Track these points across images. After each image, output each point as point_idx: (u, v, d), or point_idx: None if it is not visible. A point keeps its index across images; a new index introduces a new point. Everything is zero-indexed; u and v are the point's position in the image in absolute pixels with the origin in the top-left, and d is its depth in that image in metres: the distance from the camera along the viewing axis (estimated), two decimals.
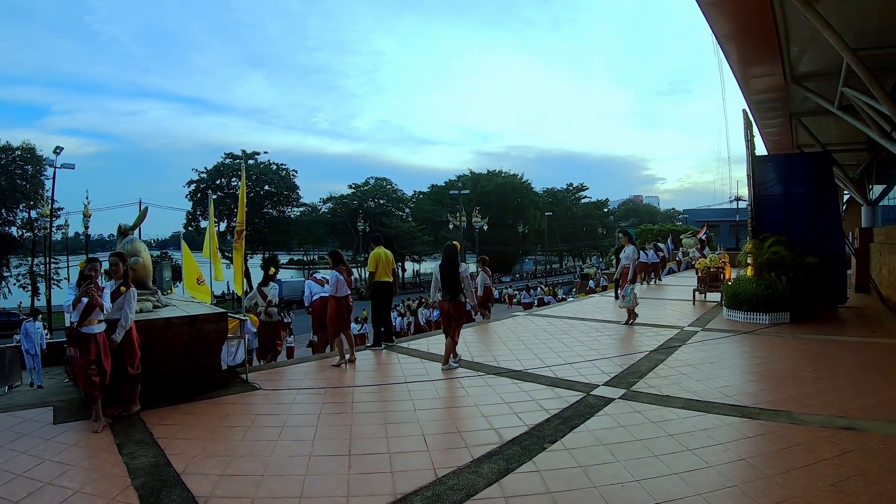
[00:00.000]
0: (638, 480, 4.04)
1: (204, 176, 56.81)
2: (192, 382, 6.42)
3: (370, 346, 9.72)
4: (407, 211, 73.86)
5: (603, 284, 29.21)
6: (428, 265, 79.67)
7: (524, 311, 18.47)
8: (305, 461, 4.49)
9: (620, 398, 6.08)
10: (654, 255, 21.07)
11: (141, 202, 46.13)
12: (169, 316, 6.46)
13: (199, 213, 56.03)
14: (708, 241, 32.18)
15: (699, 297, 14.65)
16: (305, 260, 73.59)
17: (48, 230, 39.74)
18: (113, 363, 5.49)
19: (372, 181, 71.40)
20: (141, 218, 7.91)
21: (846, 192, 20.08)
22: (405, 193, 75.08)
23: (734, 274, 15.16)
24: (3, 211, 47.17)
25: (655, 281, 20.82)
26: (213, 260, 9.21)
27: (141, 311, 6.71)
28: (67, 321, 5.40)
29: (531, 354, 8.46)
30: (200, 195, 54.81)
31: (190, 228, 56.08)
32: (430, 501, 3.81)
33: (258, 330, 10.34)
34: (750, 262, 12.36)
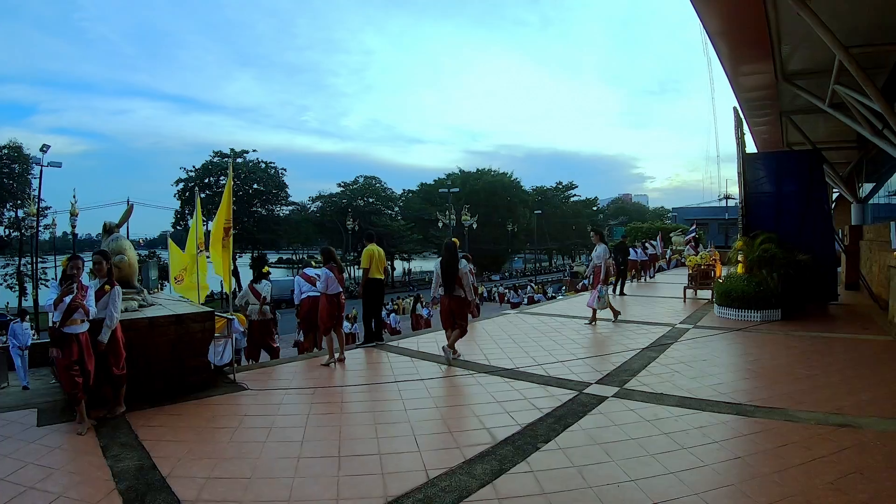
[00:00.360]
0: (634, 480, 3.97)
1: (192, 175, 56.42)
2: (178, 383, 6.28)
3: (361, 343, 9.62)
4: (396, 210, 73.62)
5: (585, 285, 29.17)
6: (417, 263, 79.61)
7: (513, 310, 18.41)
8: (294, 463, 4.39)
9: (613, 396, 6.02)
10: (642, 253, 21.18)
11: (129, 200, 45.77)
12: (154, 315, 6.31)
13: (187, 211, 55.57)
14: (698, 238, 32.39)
15: (690, 294, 14.64)
16: (295, 259, 73.14)
17: (35, 229, 39.26)
18: (97, 364, 5.35)
19: (361, 180, 71.13)
20: (126, 215, 7.77)
21: (836, 189, 20.15)
22: (394, 192, 74.90)
23: (725, 271, 15.18)
24: None
25: (645, 279, 20.92)
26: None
27: (126, 310, 6.56)
28: (51, 321, 5.26)
29: (522, 353, 8.39)
30: (189, 194, 54.36)
31: (178, 227, 55.65)
32: None
33: (250, 328, 10.25)
34: (741, 259, 12.34)
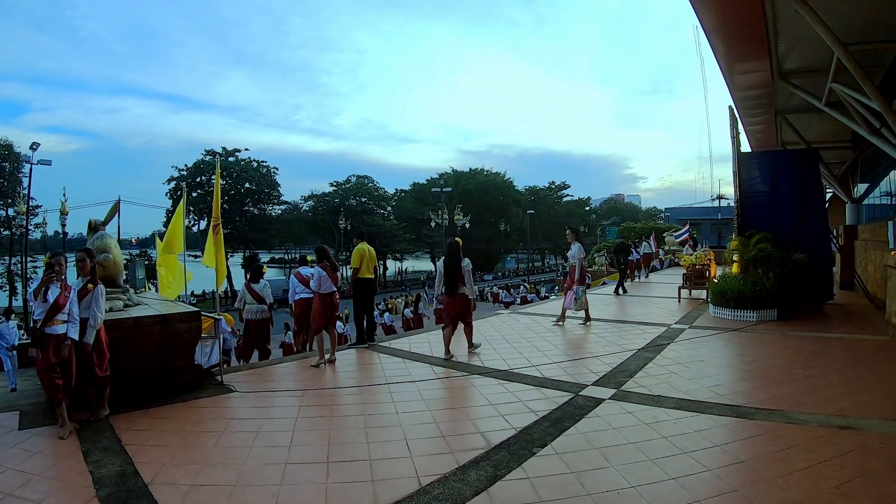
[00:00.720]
0: (634, 487, 3.82)
1: (184, 174, 56.04)
2: (164, 385, 6.10)
3: (353, 344, 9.46)
4: (389, 209, 73.39)
5: (587, 282, 29.13)
6: (409, 263, 79.42)
7: (506, 309, 18.29)
8: (281, 469, 4.21)
9: (610, 398, 5.88)
10: (634, 252, 21.09)
11: (120, 199, 45.27)
12: (139, 315, 6.13)
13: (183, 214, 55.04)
14: (688, 239, 32.41)
15: (685, 294, 14.55)
16: (287, 258, 72.77)
17: (25, 228, 38.83)
18: (79, 365, 5.18)
19: (354, 179, 70.88)
20: (112, 213, 7.58)
21: (830, 189, 20.12)
22: (387, 192, 74.67)
23: (719, 271, 15.11)
24: None
25: (639, 278, 20.94)
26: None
27: (111, 310, 6.39)
28: (32, 320, 5.09)
29: (516, 353, 8.24)
30: (181, 193, 53.98)
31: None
32: None
33: (247, 328, 10.14)
34: (736, 259, 12.26)
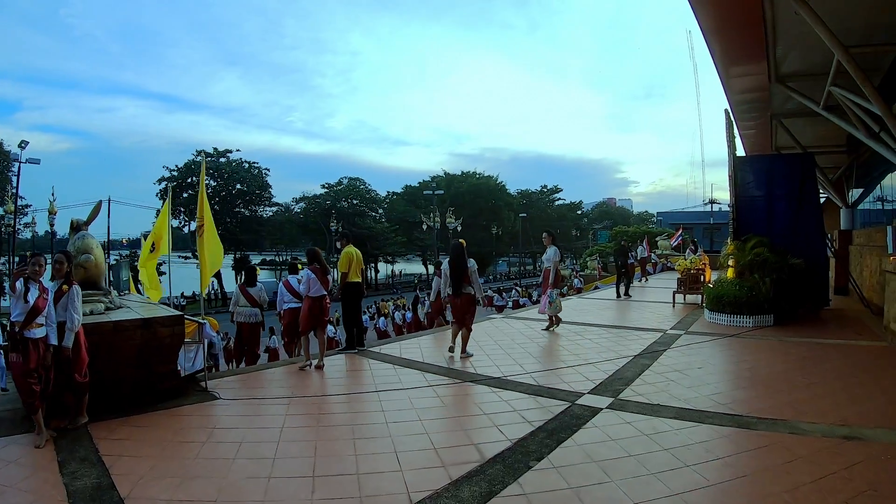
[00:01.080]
0: (636, 503, 3.64)
1: (175, 174, 55.52)
2: (145, 391, 5.85)
3: (343, 349, 9.24)
4: (380, 212, 73.02)
5: (577, 286, 29.09)
6: (400, 266, 79.11)
7: (498, 314, 18.12)
8: (264, 484, 3.98)
9: (608, 408, 5.68)
10: (630, 256, 20.96)
11: (109, 200, 44.95)
12: (120, 319, 5.88)
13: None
14: (683, 243, 32.35)
15: (679, 299, 14.41)
16: (278, 260, 72.31)
17: (13, 227, 38.31)
18: (57, 370, 4.95)
19: (345, 181, 70.51)
20: (95, 213, 7.33)
21: (824, 193, 20.10)
22: (379, 194, 74.26)
23: (714, 276, 15.00)
24: None
25: (633, 282, 20.67)
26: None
27: (91, 312, 6.15)
28: (10, 322, 4.85)
29: (510, 360, 8.04)
30: (172, 193, 53.50)
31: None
32: None
33: (240, 331, 9.93)
34: (731, 263, 12.14)
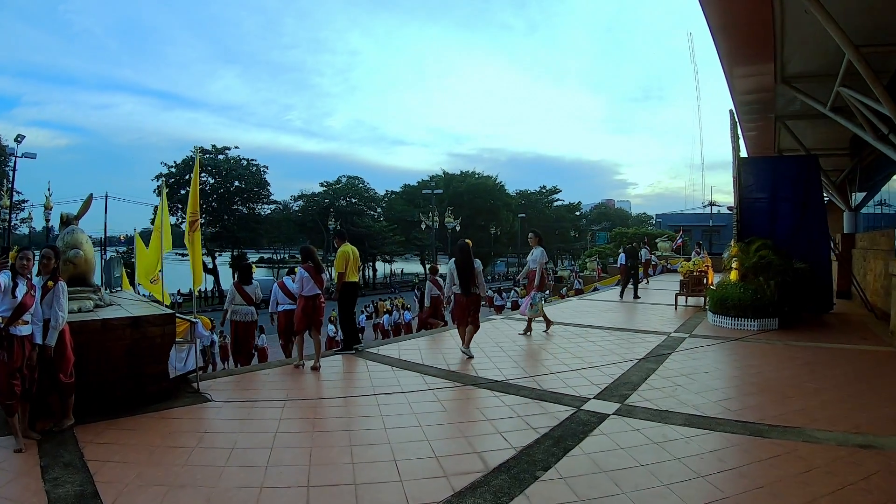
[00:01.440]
0: None
1: (173, 170, 55.13)
2: (134, 393, 5.62)
3: (339, 350, 9.04)
4: (379, 211, 72.79)
5: (576, 288, 28.94)
6: (400, 265, 78.89)
7: (497, 314, 17.93)
8: (256, 494, 3.76)
9: (615, 414, 5.48)
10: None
11: (106, 196, 44.73)
12: (108, 317, 5.66)
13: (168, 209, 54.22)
14: (684, 245, 32.25)
15: (681, 301, 14.25)
16: (276, 259, 72.03)
17: (8, 222, 38.01)
18: (42, 370, 4.74)
19: (344, 179, 70.28)
20: (85, 206, 7.10)
21: (826, 196, 19.96)
22: (377, 193, 74.05)
23: (716, 278, 14.82)
24: None
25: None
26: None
27: (80, 310, 5.94)
28: None
29: (511, 362, 7.84)
30: (169, 189, 53.06)
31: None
32: None
33: (235, 330, 9.73)
34: (735, 266, 11.97)
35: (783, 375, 7.22)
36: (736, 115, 14.12)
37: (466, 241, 8.48)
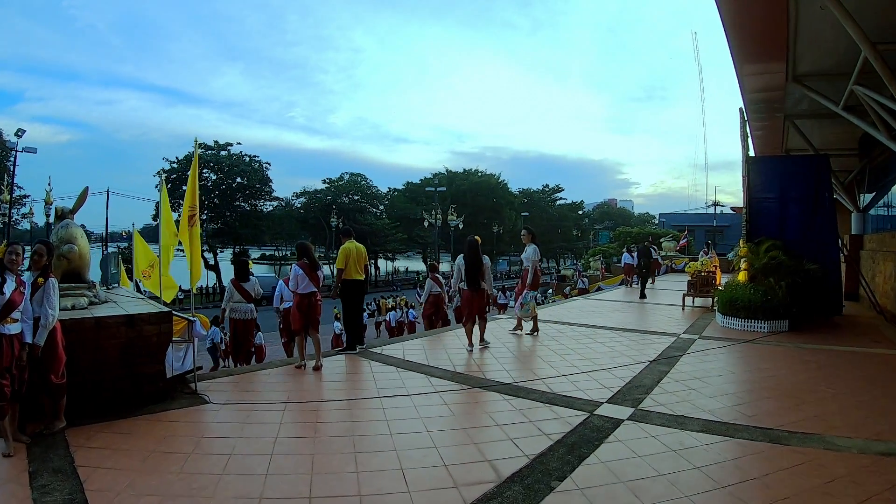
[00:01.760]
0: None
1: (175, 166, 54.85)
2: (129, 394, 5.43)
3: (342, 349, 8.84)
4: (381, 208, 72.58)
5: (579, 287, 28.76)
6: (403, 263, 78.74)
7: (501, 312, 17.73)
8: None
9: (629, 419, 5.28)
10: (637, 257, 20.87)
11: (108, 192, 44.57)
12: (102, 315, 5.45)
13: (169, 203, 53.91)
14: (688, 245, 32.06)
15: (688, 301, 14.04)
16: (278, 255, 71.86)
17: (8, 217, 37.83)
18: (32, 370, 4.54)
19: (347, 177, 70.06)
20: (81, 200, 6.89)
21: (834, 196, 19.75)
22: (380, 190, 73.86)
23: (724, 279, 14.63)
24: None
25: (635, 283, 20.49)
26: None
27: (74, 307, 5.74)
28: None
29: (519, 364, 7.65)
30: (171, 185, 52.79)
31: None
32: None
33: (234, 328, 9.54)
34: (744, 266, 11.77)
35: (797, 379, 7.03)
36: (745, 114, 13.91)
37: (475, 237, 8.57)
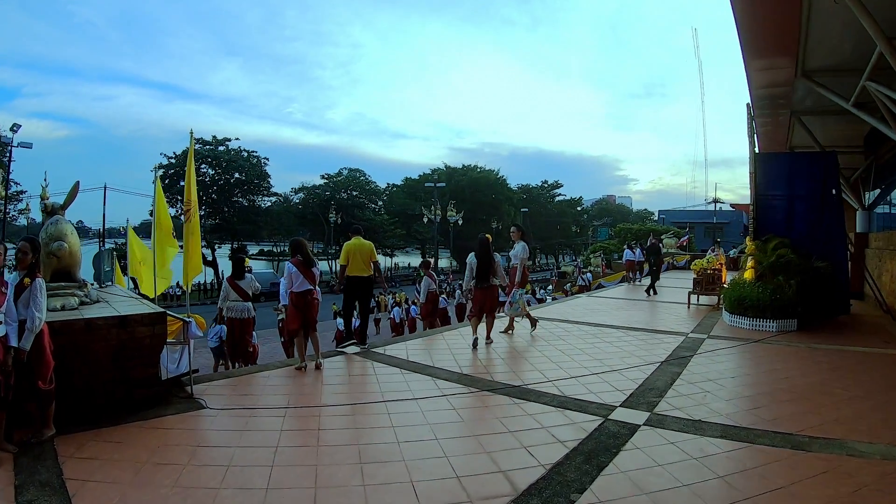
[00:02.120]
0: None
1: (173, 161, 54.47)
2: (122, 399, 5.17)
3: (342, 344, 8.73)
4: (380, 204, 72.36)
5: (580, 284, 28.59)
6: (401, 259, 78.57)
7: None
8: None
9: (646, 424, 5.06)
10: (640, 253, 21.13)
11: (105, 187, 44.23)
12: (92, 316, 5.18)
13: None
14: (689, 242, 31.89)
15: (693, 300, 13.84)
16: (276, 251, 71.57)
17: (3, 213, 37.47)
18: (18, 374, 4.28)
19: (345, 172, 69.80)
20: (72, 194, 6.62)
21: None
22: (378, 186, 73.63)
23: (728, 277, 14.44)
24: None
25: (638, 281, 20.56)
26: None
27: (64, 307, 5.48)
28: None
29: (528, 365, 7.41)
30: (169, 181, 52.35)
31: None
32: None
33: (231, 328, 9.29)
34: (751, 264, 11.56)
35: (812, 381, 6.83)
36: (752, 109, 13.70)
37: (486, 235, 8.67)
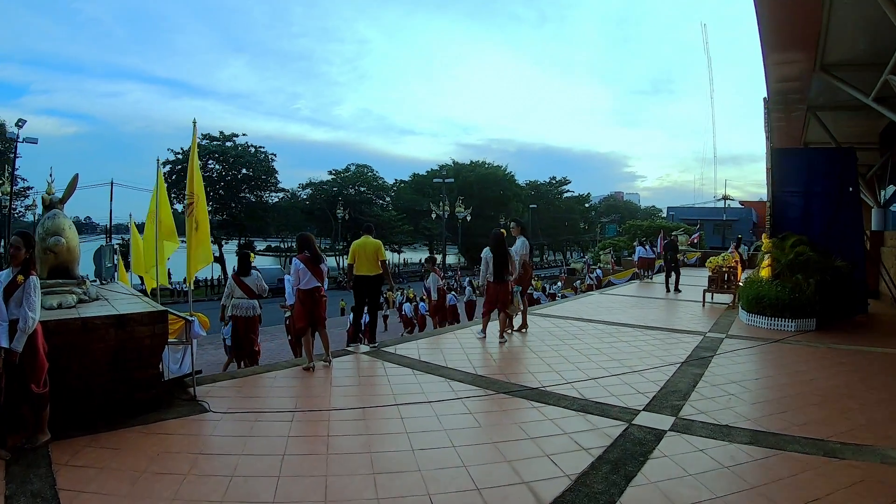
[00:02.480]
0: None
1: (179, 156, 54.30)
2: (121, 401, 4.94)
3: (350, 341, 8.68)
4: (388, 199, 72.24)
5: (588, 283, 28.24)
6: (409, 255, 78.41)
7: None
8: None
9: (672, 430, 4.81)
10: (650, 250, 20.97)
11: (112, 183, 44.21)
12: (89, 315, 4.94)
13: (172, 194, 53.31)
14: (700, 239, 31.50)
15: (708, 298, 13.53)
16: (283, 247, 71.53)
17: (8, 209, 37.39)
18: (10, 377, 4.06)
19: (353, 168, 69.69)
20: (71, 188, 6.40)
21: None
22: (386, 182, 73.48)
23: (744, 275, 14.13)
24: None
25: (651, 276, 20.46)
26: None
27: (60, 305, 5.25)
28: None
29: (545, 366, 7.14)
30: (175, 176, 52.19)
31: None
32: None
33: (235, 326, 9.04)
34: (767, 262, 11.25)
35: (837, 384, 6.57)
36: (768, 104, 13.39)
37: (501, 230, 8.61)
